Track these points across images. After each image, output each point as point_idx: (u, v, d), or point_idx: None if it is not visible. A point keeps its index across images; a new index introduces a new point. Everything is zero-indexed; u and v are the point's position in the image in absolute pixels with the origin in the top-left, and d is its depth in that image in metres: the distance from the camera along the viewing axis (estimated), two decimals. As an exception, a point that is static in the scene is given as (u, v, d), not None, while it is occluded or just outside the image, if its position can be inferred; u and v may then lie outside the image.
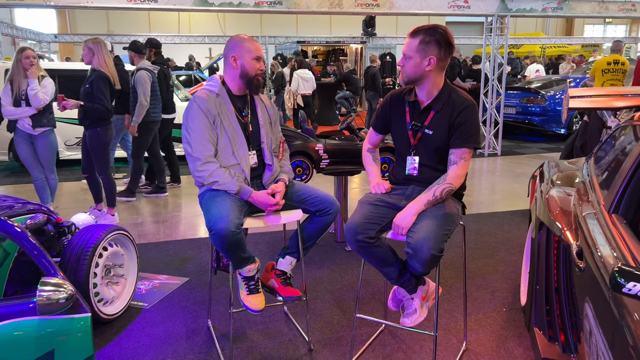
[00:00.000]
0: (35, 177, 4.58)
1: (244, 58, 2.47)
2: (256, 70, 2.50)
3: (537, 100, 9.45)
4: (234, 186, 2.37)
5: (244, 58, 2.47)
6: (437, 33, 2.17)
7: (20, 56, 4.34)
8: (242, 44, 2.49)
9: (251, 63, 2.48)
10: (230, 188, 2.36)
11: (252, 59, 2.48)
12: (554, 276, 2.32)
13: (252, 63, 2.49)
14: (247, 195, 2.39)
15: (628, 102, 2.94)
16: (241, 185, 2.39)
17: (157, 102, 5.43)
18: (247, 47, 2.48)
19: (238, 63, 2.48)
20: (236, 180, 2.40)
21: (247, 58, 2.47)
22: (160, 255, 3.97)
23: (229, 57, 2.49)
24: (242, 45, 2.48)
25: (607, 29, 29.78)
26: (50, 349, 1.79)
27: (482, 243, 4.16)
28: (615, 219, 1.78)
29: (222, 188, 2.36)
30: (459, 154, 2.23)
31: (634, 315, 1.29)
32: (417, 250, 2.06)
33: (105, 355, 2.58)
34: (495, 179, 6.81)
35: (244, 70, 2.49)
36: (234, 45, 2.50)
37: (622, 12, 8.94)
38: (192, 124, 2.40)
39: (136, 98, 5.14)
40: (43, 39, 14.89)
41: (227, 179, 2.37)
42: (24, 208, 2.69)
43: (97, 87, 4.27)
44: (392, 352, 2.62)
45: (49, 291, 1.72)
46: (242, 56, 2.47)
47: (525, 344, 2.65)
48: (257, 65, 2.51)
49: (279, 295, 2.54)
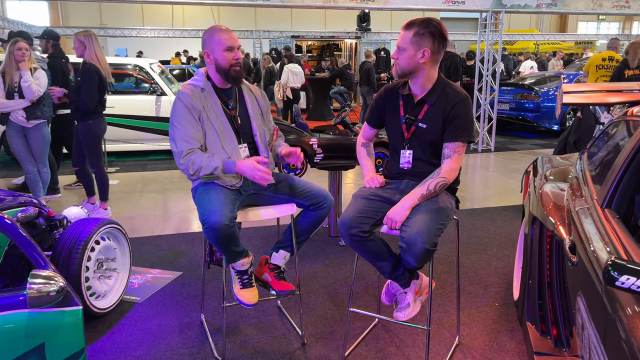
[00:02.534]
0: (27, 171, 4.54)
1: (215, 52, 2.40)
2: (229, 61, 2.40)
3: (531, 97, 9.48)
4: (216, 163, 2.30)
5: (215, 52, 2.39)
6: (432, 25, 2.16)
7: (12, 48, 4.30)
8: (211, 38, 2.41)
9: (222, 55, 2.39)
10: (214, 165, 2.30)
11: (222, 51, 2.39)
12: (546, 271, 2.33)
13: (224, 55, 2.39)
14: (233, 168, 2.32)
15: (621, 97, 2.95)
16: (223, 160, 2.33)
17: (47, 98, 4.69)
18: (216, 40, 2.40)
19: (211, 58, 2.41)
20: (216, 158, 2.33)
21: (217, 51, 2.39)
22: (153, 249, 3.95)
23: (204, 53, 2.45)
24: (212, 38, 2.41)
25: (600, 26, 29.92)
26: (40, 342, 1.78)
27: (475, 238, 4.17)
28: (608, 213, 1.78)
29: (208, 171, 2.30)
30: (452, 148, 2.23)
31: (626, 309, 1.29)
32: (410, 244, 2.06)
33: (97, 349, 2.56)
34: (489, 174, 6.83)
35: (217, 63, 2.41)
36: (205, 40, 2.43)
37: (615, 9, 8.96)
38: (175, 121, 2.37)
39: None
40: (35, 31, 14.74)
41: (208, 160, 2.31)
42: (15, 201, 2.67)
43: (85, 80, 4.21)
44: (385, 346, 2.62)
45: (40, 284, 1.70)
46: (213, 50, 2.40)
47: (518, 338, 2.66)
48: (230, 55, 2.39)
49: (273, 289, 2.53)
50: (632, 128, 2.16)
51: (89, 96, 4.20)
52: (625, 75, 5.55)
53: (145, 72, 7.52)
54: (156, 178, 6.39)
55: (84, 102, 4.20)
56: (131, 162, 7.36)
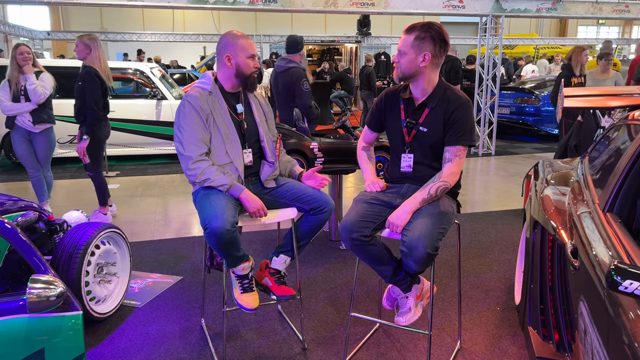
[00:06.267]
0: (32, 175, 4.55)
1: (238, 57, 2.41)
2: (251, 68, 2.44)
3: (531, 101, 9.49)
4: (226, 181, 2.33)
5: (239, 57, 2.41)
6: (433, 30, 2.16)
7: (14, 52, 4.34)
8: (235, 43, 2.42)
9: (246, 62, 2.42)
10: (222, 182, 2.32)
11: (246, 58, 2.42)
12: (548, 275, 2.32)
13: (247, 62, 2.42)
14: (238, 193, 2.35)
15: (622, 101, 2.95)
16: (233, 182, 2.36)
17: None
18: (241, 46, 2.42)
19: (232, 62, 2.42)
20: (228, 176, 2.37)
21: (241, 57, 2.41)
22: (153, 253, 3.94)
23: (223, 56, 2.43)
24: (236, 43, 2.42)
25: (600, 30, 29.95)
26: (40, 348, 1.77)
27: (476, 242, 4.16)
28: (610, 217, 1.78)
29: (214, 185, 2.32)
30: (453, 152, 2.23)
31: (629, 314, 1.28)
32: (412, 248, 2.05)
33: (97, 354, 2.55)
34: (490, 178, 6.83)
35: (239, 69, 2.43)
36: (227, 44, 2.43)
37: (615, 13, 8.98)
38: (183, 123, 2.36)
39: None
40: (36, 36, 14.78)
41: (219, 175, 2.33)
42: (15, 205, 2.66)
43: (88, 86, 4.20)
44: (386, 350, 2.61)
45: (39, 289, 1.69)
46: (237, 55, 2.41)
47: (520, 343, 2.65)
48: (252, 63, 2.44)
49: (273, 294, 2.52)
50: (633, 132, 2.16)
51: (94, 100, 4.21)
52: (572, 83, 5.59)
53: (146, 76, 7.53)
54: (156, 182, 6.39)
55: (90, 107, 4.20)
56: (132, 166, 7.36)
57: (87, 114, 4.22)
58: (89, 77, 4.21)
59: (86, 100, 4.20)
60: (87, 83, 4.21)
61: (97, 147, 4.42)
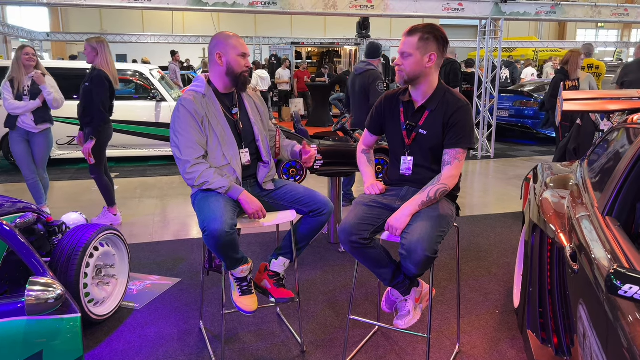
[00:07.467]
0: (27, 178, 4.54)
1: (229, 55, 2.43)
2: (242, 67, 2.46)
3: (530, 104, 9.50)
4: (224, 183, 2.33)
5: (229, 55, 2.43)
6: (435, 30, 2.18)
7: (19, 53, 4.37)
8: (226, 41, 2.44)
9: (237, 60, 2.44)
10: (221, 184, 2.32)
11: (237, 56, 2.44)
12: (547, 278, 2.32)
13: (238, 60, 2.44)
14: (237, 195, 2.35)
15: (621, 105, 2.95)
16: (232, 184, 2.36)
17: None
18: (231, 44, 2.44)
19: (223, 60, 2.44)
20: (226, 178, 2.37)
21: (232, 54, 2.43)
22: (152, 255, 3.94)
23: (214, 54, 2.45)
24: (227, 42, 2.44)
25: (599, 33, 30.03)
26: (38, 350, 1.76)
27: (475, 245, 4.16)
28: (609, 221, 1.78)
29: (212, 187, 2.32)
30: (452, 154, 2.23)
31: (628, 317, 1.28)
32: (411, 251, 2.05)
33: (96, 356, 2.55)
34: (488, 181, 6.83)
35: (230, 67, 2.44)
36: (218, 42, 2.45)
37: (614, 17, 9.00)
38: (179, 127, 2.37)
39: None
40: (35, 37, 14.79)
41: (217, 177, 2.34)
42: (14, 207, 2.65)
43: (97, 88, 4.22)
44: (385, 354, 2.60)
45: (38, 291, 1.69)
46: (227, 53, 2.43)
47: (518, 347, 2.65)
48: (243, 61, 2.46)
49: (272, 296, 2.52)
50: (632, 136, 2.16)
51: (102, 102, 4.22)
52: (566, 86, 5.59)
53: (145, 78, 7.53)
54: (155, 184, 6.39)
55: (98, 109, 4.22)
56: (130, 167, 7.36)
57: (94, 116, 4.24)
58: (99, 80, 4.23)
59: (94, 101, 4.22)
60: (96, 85, 4.22)
61: (99, 148, 4.43)
